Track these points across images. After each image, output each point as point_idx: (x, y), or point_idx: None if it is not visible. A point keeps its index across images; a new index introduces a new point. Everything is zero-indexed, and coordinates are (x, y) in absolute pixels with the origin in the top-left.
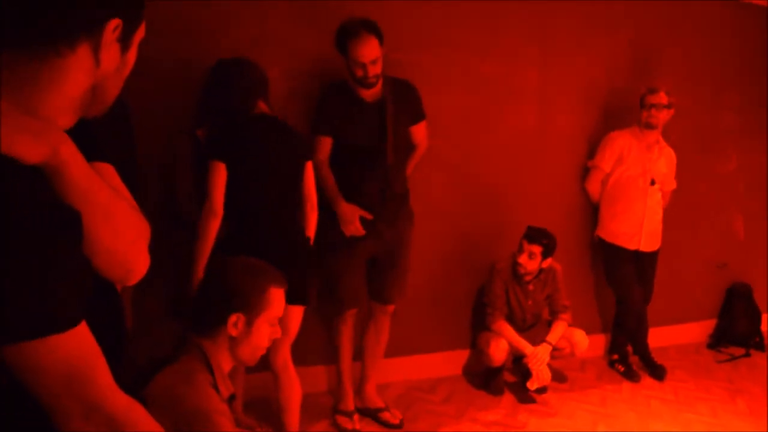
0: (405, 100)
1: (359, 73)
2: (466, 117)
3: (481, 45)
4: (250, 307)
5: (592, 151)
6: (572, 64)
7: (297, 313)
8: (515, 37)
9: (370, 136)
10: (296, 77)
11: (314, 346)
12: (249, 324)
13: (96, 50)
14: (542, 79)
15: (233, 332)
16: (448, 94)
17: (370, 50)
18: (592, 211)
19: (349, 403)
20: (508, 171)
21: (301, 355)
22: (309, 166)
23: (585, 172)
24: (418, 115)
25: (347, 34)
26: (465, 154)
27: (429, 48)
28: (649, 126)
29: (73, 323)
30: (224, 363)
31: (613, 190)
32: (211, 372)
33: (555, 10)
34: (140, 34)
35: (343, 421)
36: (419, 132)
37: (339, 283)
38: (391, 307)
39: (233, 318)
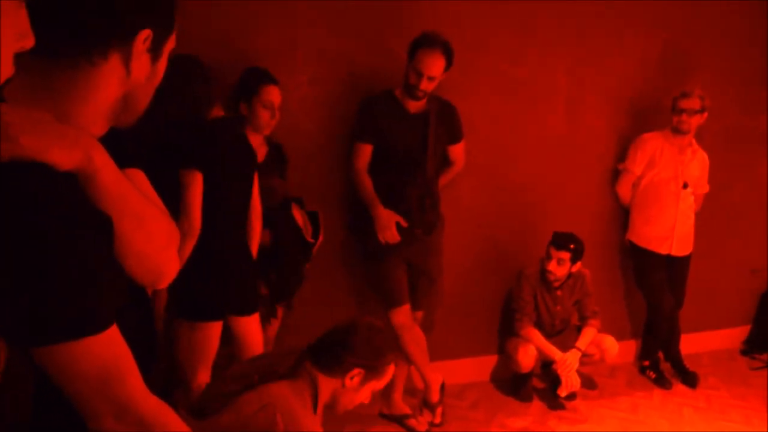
0: (447, 119)
1: (413, 80)
2: (494, 121)
3: (511, 48)
4: (373, 371)
5: (623, 154)
6: (603, 66)
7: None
8: (546, 40)
9: (410, 145)
10: (324, 84)
11: None
12: (362, 383)
13: (127, 60)
14: (572, 82)
15: (348, 383)
16: (477, 97)
17: (434, 66)
18: (623, 215)
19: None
20: (537, 174)
21: None
22: (256, 175)
23: (616, 175)
24: (457, 136)
25: (423, 42)
26: (494, 158)
27: (458, 52)
28: (680, 132)
29: (105, 326)
30: (325, 398)
31: (644, 193)
32: (315, 402)
33: (587, 11)
34: (171, 44)
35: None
36: (457, 151)
37: (385, 283)
38: (419, 314)
39: (356, 371)
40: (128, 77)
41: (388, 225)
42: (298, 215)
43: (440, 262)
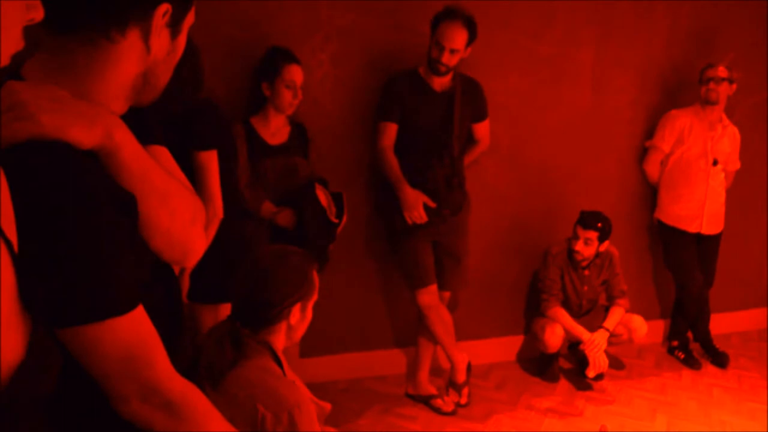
0: (472, 97)
1: (435, 54)
2: (519, 98)
3: (536, 26)
4: (306, 296)
5: (651, 131)
6: (630, 42)
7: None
8: (570, 16)
9: (436, 124)
10: (346, 63)
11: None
12: (303, 309)
13: (146, 36)
14: (598, 58)
15: (293, 321)
16: (501, 76)
17: (455, 39)
18: (651, 193)
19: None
20: (562, 153)
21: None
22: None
23: (643, 152)
24: (482, 114)
25: (445, 15)
26: (518, 137)
27: (482, 29)
28: (709, 101)
29: (131, 306)
30: (281, 347)
31: (673, 171)
32: (278, 362)
33: None
34: (190, 19)
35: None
36: (481, 129)
37: (411, 263)
38: (446, 294)
39: (295, 310)
40: (148, 54)
41: (416, 205)
42: (322, 195)
43: (466, 241)
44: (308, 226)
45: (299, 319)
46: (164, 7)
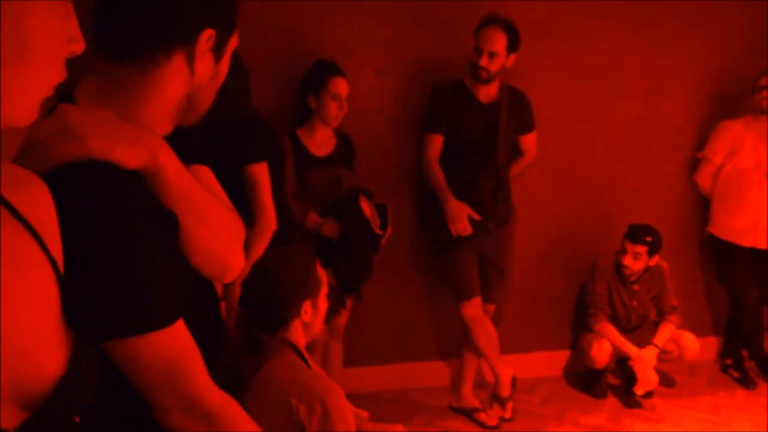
0: (518, 108)
1: (475, 59)
2: (566, 110)
3: (582, 35)
4: (314, 291)
5: (704, 142)
6: (682, 50)
7: None
8: (619, 24)
9: (481, 136)
10: (392, 75)
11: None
12: (315, 305)
13: (191, 60)
14: (648, 67)
15: (306, 318)
16: (548, 86)
17: (494, 41)
18: (704, 206)
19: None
20: (612, 164)
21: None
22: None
23: (695, 164)
24: (528, 126)
25: (484, 21)
26: (566, 148)
27: (527, 40)
28: (763, 110)
29: (171, 321)
30: (303, 343)
31: (726, 183)
32: (302, 357)
33: None
34: (233, 43)
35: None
36: (528, 142)
37: (456, 276)
38: (491, 307)
39: (306, 306)
40: (192, 77)
41: (460, 217)
42: (366, 207)
43: (511, 254)
44: (352, 237)
45: (312, 314)
46: (208, 33)
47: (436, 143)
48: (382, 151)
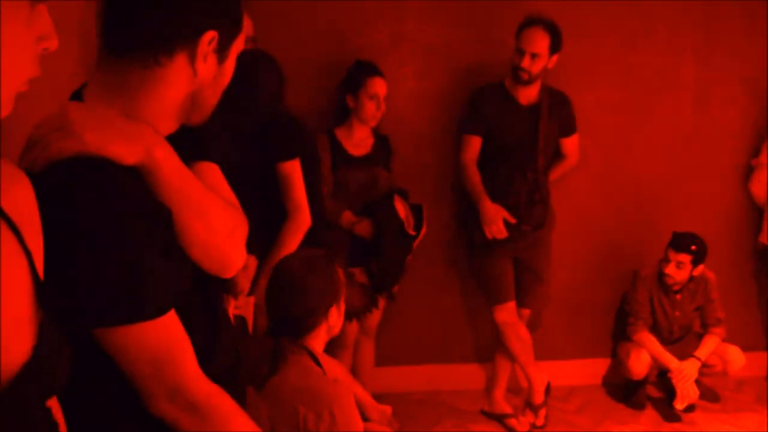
0: (559, 110)
1: (516, 60)
2: (611, 112)
3: (629, 34)
4: (338, 296)
5: (758, 149)
6: (737, 52)
7: None
8: (669, 23)
9: (520, 138)
10: (431, 77)
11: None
12: (339, 308)
13: (193, 60)
14: (701, 69)
15: (332, 322)
16: (592, 88)
17: (535, 42)
18: (758, 215)
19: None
20: (658, 170)
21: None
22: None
23: (749, 171)
24: (569, 128)
25: (526, 22)
26: (610, 153)
27: (571, 40)
28: None
29: (160, 312)
30: (321, 347)
31: None
32: (317, 362)
33: None
34: (239, 45)
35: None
36: (570, 145)
37: (490, 279)
38: (525, 312)
39: (332, 311)
40: (195, 77)
41: (495, 220)
42: (401, 207)
43: (548, 259)
44: (385, 236)
45: (336, 317)
46: (210, 35)
47: (473, 145)
48: (421, 152)
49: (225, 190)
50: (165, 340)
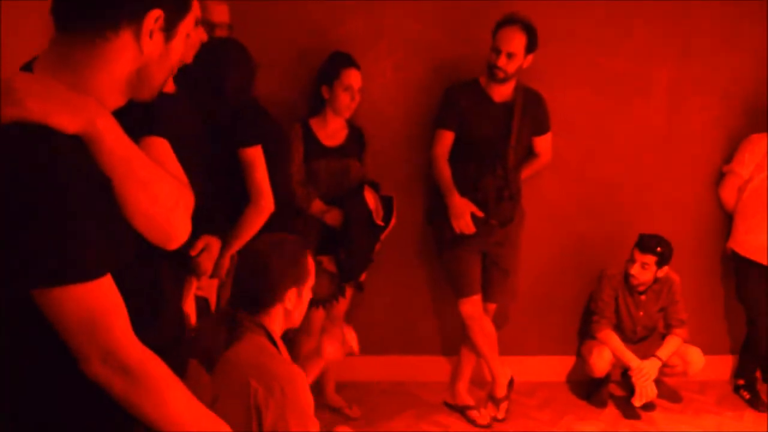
0: (533, 109)
1: (492, 58)
2: (586, 114)
3: (606, 39)
4: (300, 281)
5: (731, 156)
6: (713, 61)
7: None
8: (645, 31)
9: (493, 135)
10: (408, 71)
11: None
12: (300, 295)
13: (138, 37)
14: (676, 76)
15: (289, 306)
16: (568, 90)
17: (511, 42)
18: (727, 221)
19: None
20: (630, 173)
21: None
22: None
23: (720, 177)
24: (543, 127)
25: (504, 21)
26: (583, 154)
27: (548, 42)
28: None
29: (95, 276)
30: (279, 331)
31: (750, 198)
32: (274, 343)
33: (697, 4)
34: (186, 25)
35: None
36: (542, 143)
37: (457, 272)
38: (491, 306)
39: (290, 294)
40: (141, 54)
41: (462, 214)
42: (371, 198)
43: (516, 255)
44: (353, 226)
45: (295, 303)
46: (156, 13)
47: (445, 139)
48: (395, 146)
49: (173, 164)
50: (99, 303)
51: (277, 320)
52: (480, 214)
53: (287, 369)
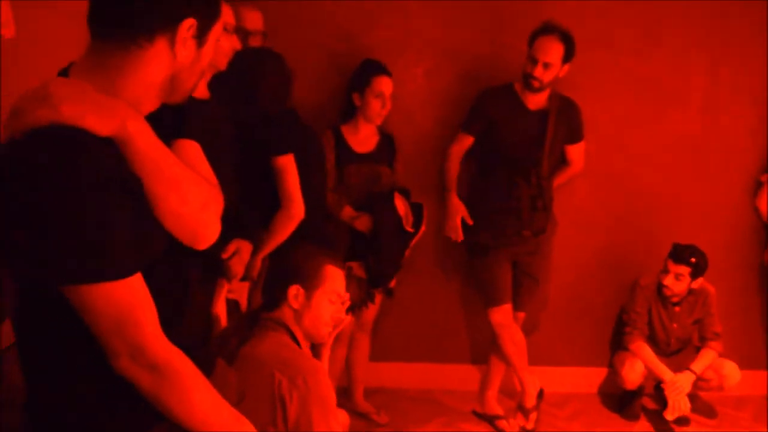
0: (567, 117)
1: (528, 68)
2: (619, 122)
3: (639, 45)
4: (308, 281)
5: (767, 165)
6: (748, 66)
7: None
8: (679, 36)
9: (526, 142)
10: (439, 77)
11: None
12: (308, 298)
13: (172, 45)
14: (711, 82)
15: (294, 304)
16: (601, 97)
17: (549, 52)
18: (764, 231)
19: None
20: (665, 181)
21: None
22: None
23: (758, 187)
24: (576, 135)
25: (541, 29)
26: (615, 161)
27: (581, 48)
28: None
29: (124, 275)
30: (298, 332)
31: None
32: (295, 341)
33: (731, 9)
34: (216, 32)
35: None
36: (575, 152)
37: (487, 280)
38: (521, 315)
39: (293, 290)
40: (174, 60)
41: (455, 215)
42: (401, 204)
43: (548, 264)
44: (382, 232)
45: (303, 304)
46: (189, 22)
47: (464, 142)
48: (425, 153)
49: (204, 167)
50: (129, 301)
51: (289, 319)
52: (470, 221)
53: (309, 362)
